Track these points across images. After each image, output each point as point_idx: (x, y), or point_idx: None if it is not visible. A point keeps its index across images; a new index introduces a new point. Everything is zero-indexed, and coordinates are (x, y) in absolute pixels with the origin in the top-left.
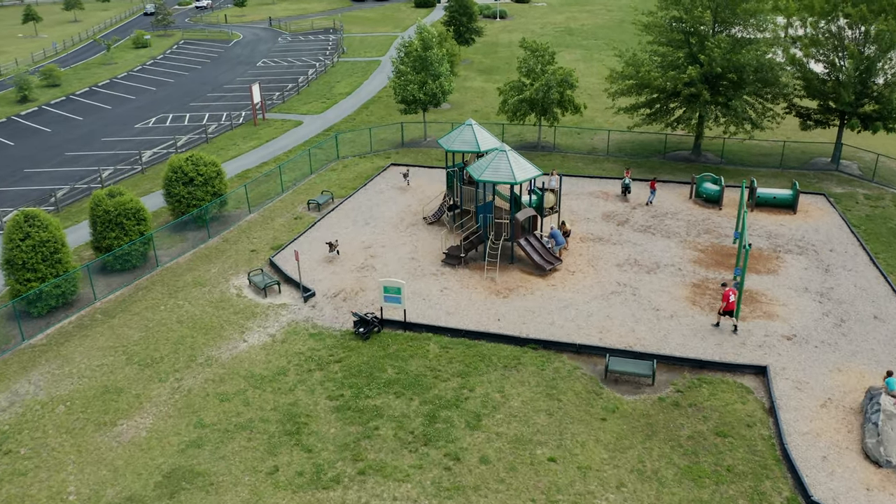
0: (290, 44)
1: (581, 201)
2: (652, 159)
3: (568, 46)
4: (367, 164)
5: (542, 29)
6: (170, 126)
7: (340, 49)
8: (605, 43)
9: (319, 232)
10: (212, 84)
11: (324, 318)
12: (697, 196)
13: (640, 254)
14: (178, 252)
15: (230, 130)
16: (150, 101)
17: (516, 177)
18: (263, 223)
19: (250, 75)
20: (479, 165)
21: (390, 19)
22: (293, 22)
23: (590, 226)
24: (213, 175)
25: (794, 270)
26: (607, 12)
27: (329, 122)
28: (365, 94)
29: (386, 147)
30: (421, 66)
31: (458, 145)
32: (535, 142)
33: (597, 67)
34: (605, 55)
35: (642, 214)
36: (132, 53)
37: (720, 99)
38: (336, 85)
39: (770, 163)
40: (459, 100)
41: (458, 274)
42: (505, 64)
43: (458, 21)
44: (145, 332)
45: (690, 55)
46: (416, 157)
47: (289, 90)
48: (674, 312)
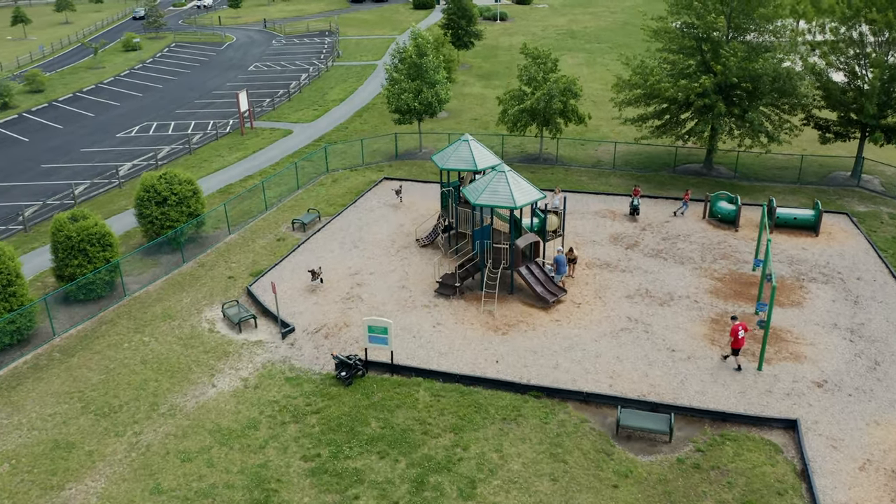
0: (284, 47)
1: (586, 221)
2: (661, 173)
3: (570, 50)
4: (359, 177)
5: (544, 31)
6: (153, 135)
7: (335, 53)
8: (609, 46)
9: (303, 256)
10: (200, 90)
11: (302, 358)
12: (711, 216)
13: (652, 283)
14: (150, 279)
15: (215, 140)
16: (136, 107)
17: (516, 200)
18: (244, 245)
19: (241, 80)
20: (476, 187)
21: (388, 21)
22: (288, 24)
23: (596, 250)
24: (189, 194)
25: (820, 303)
26: (610, 14)
27: (320, 131)
28: (359, 100)
29: (379, 159)
30: (416, 74)
31: (453, 163)
32: (536, 154)
33: (601, 72)
34: (610, 59)
35: (652, 237)
36: (121, 57)
37: (735, 110)
38: (329, 91)
39: (787, 177)
40: (457, 107)
41: (452, 306)
42: (505, 69)
43: (456, 24)
44: (106, 374)
45: (703, 63)
46: (411, 170)
47: (280, 96)
48: (691, 353)
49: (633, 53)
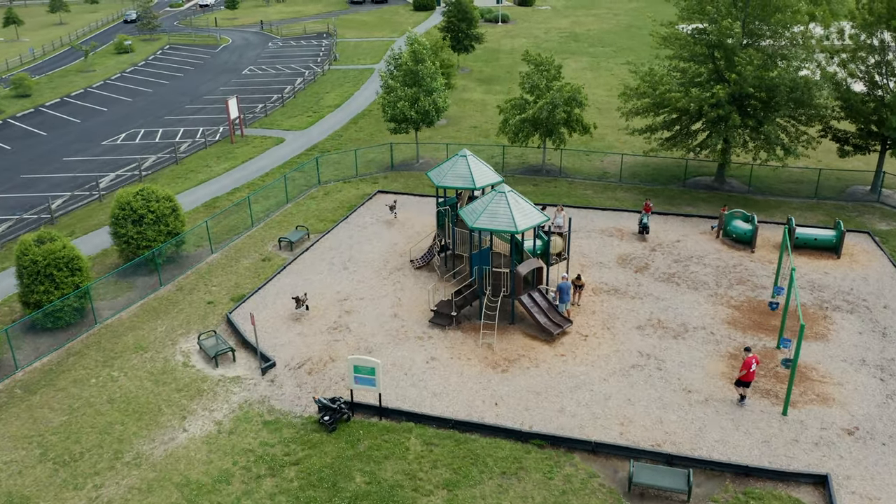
0: (281, 49)
1: (592, 241)
2: (670, 187)
3: (573, 53)
4: (352, 190)
5: (547, 34)
6: (139, 143)
7: (332, 56)
8: (614, 50)
9: (289, 278)
10: (191, 94)
11: (283, 398)
12: (726, 235)
13: (664, 311)
14: (123, 303)
15: (204, 149)
16: (124, 113)
17: (518, 224)
18: (226, 266)
19: (234, 84)
20: (474, 209)
21: (387, 23)
22: (285, 26)
23: (603, 273)
24: (167, 212)
25: (846, 335)
26: (614, 17)
27: (313, 139)
28: (355, 106)
29: (373, 170)
30: (412, 81)
31: (450, 180)
32: (538, 165)
33: (605, 77)
34: (614, 63)
35: (664, 259)
36: (113, 59)
37: (750, 122)
38: (325, 96)
39: (803, 192)
40: (456, 114)
41: (448, 338)
42: (506, 73)
43: (456, 27)
44: (69, 414)
45: (715, 71)
46: (407, 182)
47: (273, 102)
48: (709, 395)
49: (639, 59)
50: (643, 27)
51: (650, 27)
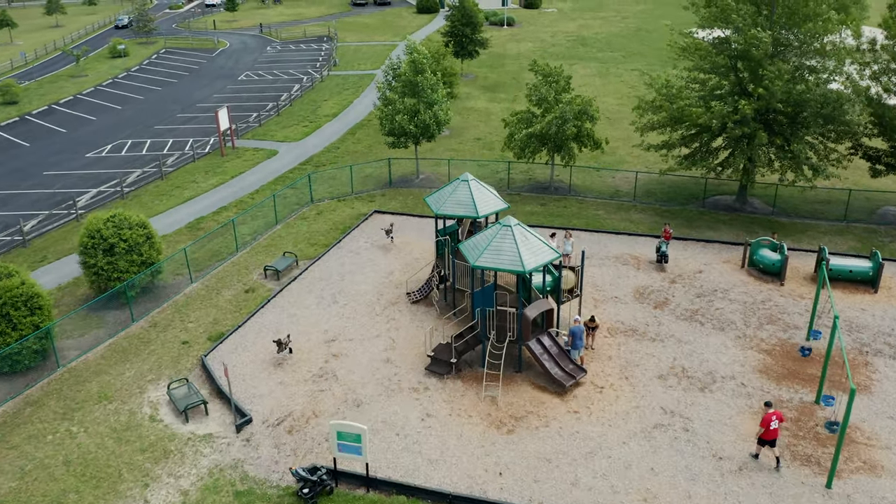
0: (279, 53)
1: (606, 270)
2: (689, 207)
3: (581, 59)
4: (346, 209)
5: (553, 38)
6: (125, 156)
7: (332, 61)
8: (623, 56)
9: (273, 314)
10: (184, 102)
11: (259, 462)
12: (752, 265)
13: (688, 356)
14: (91, 342)
15: (192, 163)
16: (112, 122)
17: (525, 263)
18: (206, 298)
19: (229, 91)
20: (476, 244)
21: (390, 26)
22: (285, 28)
23: (619, 310)
24: (141, 240)
25: (891, 386)
26: (622, 20)
27: (308, 152)
28: (353, 115)
29: (370, 187)
30: (412, 92)
31: (450, 207)
32: (546, 182)
33: (615, 84)
34: (624, 69)
35: (685, 292)
36: (106, 64)
37: (777, 140)
38: (322, 104)
39: (831, 214)
40: (460, 125)
41: (446, 389)
42: (512, 79)
43: (460, 32)
44: (20, 479)
45: (738, 84)
46: (405, 200)
47: (268, 110)
48: (742, 462)
49: (649, 64)
50: (652, 31)
51: (667, 36)
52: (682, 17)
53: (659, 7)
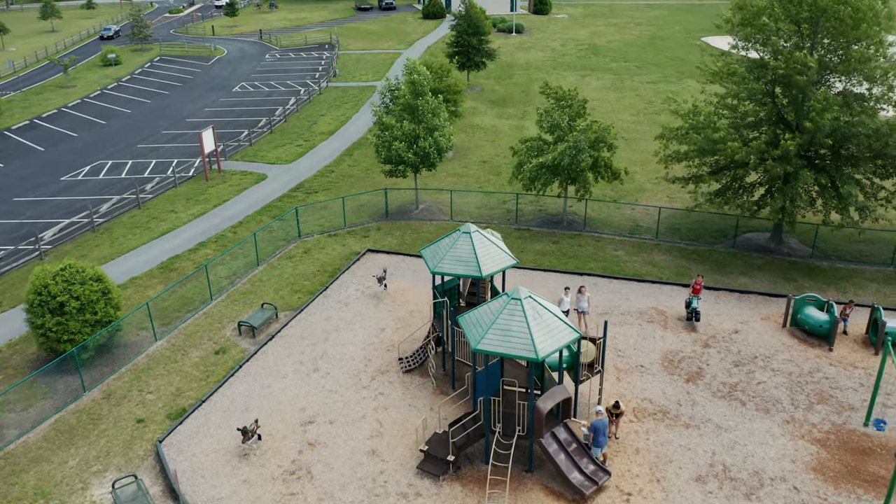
0: (278, 62)
1: (629, 330)
2: (718, 247)
3: (594, 69)
4: (337, 247)
5: (564, 46)
6: (103, 179)
7: (332, 71)
8: (638, 66)
9: (244, 384)
10: (172, 117)
11: None
12: (794, 324)
13: (730, 449)
14: (35, 418)
15: (173, 189)
16: (94, 140)
17: (539, 349)
18: (171, 360)
19: (221, 105)
20: (479, 319)
21: (394, 33)
22: (286, 35)
23: (646, 383)
24: (95, 297)
25: None
26: (636, 26)
27: (300, 175)
28: (352, 133)
29: (365, 218)
30: (411, 117)
31: (448, 265)
32: (558, 215)
33: (630, 99)
34: (639, 81)
35: (720, 360)
36: (97, 73)
37: (823, 180)
38: (319, 120)
39: (877, 257)
40: (465, 144)
41: (442, 495)
42: (521, 93)
43: (466, 42)
44: None
45: (777, 114)
46: (403, 236)
47: (261, 127)
48: None
49: (670, 81)
50: (667, 38)
51: (686, 46)
52: (697, 23)
53: (673, 13)
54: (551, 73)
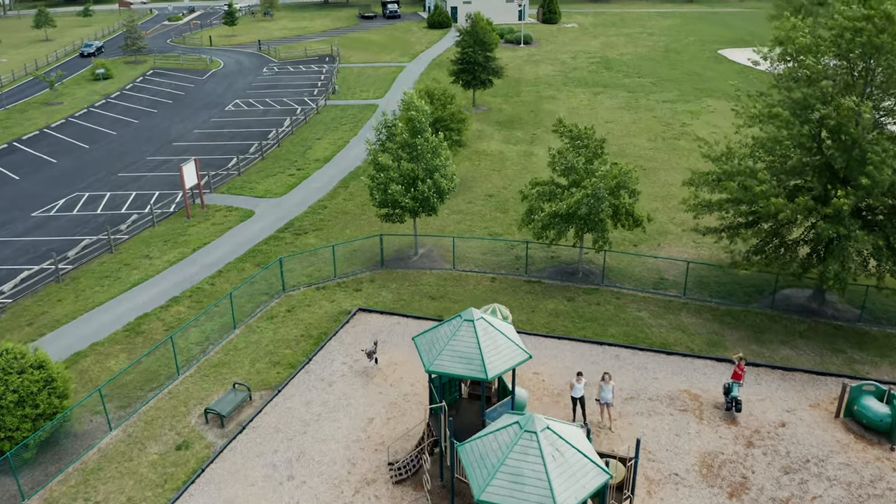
0: (276, 76)
1: (658, 422)
2: (753, 307)
3: (607, 86)
4: (325, 303)
5: (574, 59)
6: (77, 216)
7: (331, 88)
8: (653, 82)
9: (204, 497)
10: (159, 140)
11: None
12: (849, 415)
13: None
14: None
15: (151, 228)
16: (73, 167)
17: (558, 498)
18: (125, 456)
19: (212, 126)
20: (484, 457)
21: (398, 43)
22: (286, 46)
23: (681, 498)
24: (37, 388)
25: None
26: (648, 37)
27: (289, 212)
28: (348, 160)
29: (358, 266)
30: (409, 156)
31: (447, 362)
32: (573, 265)
33: (646, 121)
34: (655, 100)
35: (767, 464)
36: (86, 88)
37: (880, 241)
38: (314, 144)
39: None
40: (469, 174)
41: None
42: (529, 112)
43: (471, 59)
44: None
45: (825, 164)
46: (400, 290)
47: (252, 153)
48: None
49: (682, 94)
50: (682, 51)
51: (715, 71)
52: (711, 33)
53: (686, 22)
54: (562, 90)
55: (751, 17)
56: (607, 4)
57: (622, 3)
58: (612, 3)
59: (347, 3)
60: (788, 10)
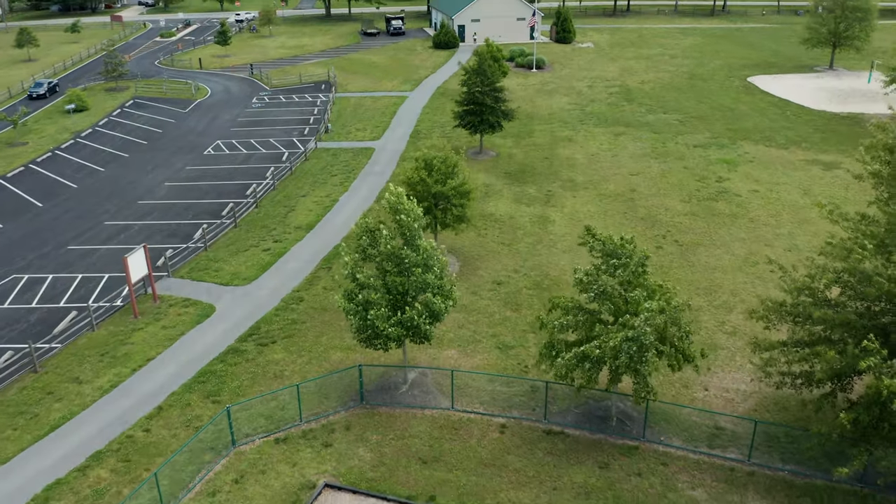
0: (266, 108)
1: None
2: (841, 485)
3: (628, 125)
4: (283, 468)
5: (591, 88)
6: (6, 310)
7: (323, 126)
8: (680, 120)
9: None
10: (124, 196)
11: None
12: None
13: None
14: None
15: (90, 332)
16: (20, 236)
17: None
18: None
19: (185, 178)
20: None
21: (401, 67)
22: (280, 69)
23: None
24: None
25: None
26: (670, 59)
27: (259, 307)
28: (336, 227)
29: (331, 404)
30: (395, 268)
31: None
32: (604, 410)
33: (677, 173)
34: (684, 144)
35: None
36: (56, 124)
37: None
38: (298, 204)
39: None
40: (474, 248)
41: None
42: (543, 160)
43: (479, 101)
44: None
45: None
46: (382, 443)
47: (225, 218)
48: None
49: (722, 144)
50: (709, 79)
51: (748, 104)
52: (737, 55)
53: (709, 41)
54: (579, 129)
55: (776, 36)
56: (623, 19)
57: (639, 18)
58: (628, 16)
59: (350, 16)
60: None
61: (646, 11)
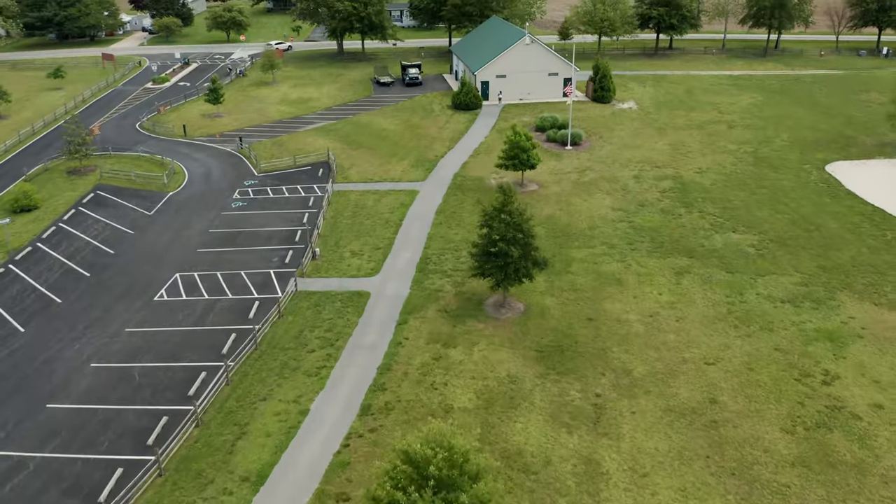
0: (247, 209)
1: None
2: None
3: (692, 254)
4: None
5: (639, 181)
6: None
7: (310, 251)
8: (757, 248)
9: None
10: (30, 392)
11: None
12: None
13: None
14: None
15: None
16: None
17: None
18: None
19: (117, 352)
20: None
21: (414, 137)
22: (275, 140)
23: None
24: None
25: None
26: (727, 131)
27: None
28: (299, 477)
29: None
30: None
31: None
32: None
33: (767, 364)
34: (769, 301)
35: None
36: None
37: None
38: (253, 419)
39: None
40: None
41: None
42: (587, 324)
43: (503, 252)
44: None
45: None
46: None
47: (147, 454)
48: None
49: (835, 332)
50: (779, 167)
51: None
52: (807, 123)
53: (769, 98)
54: (628, 263)
55: (843, 89)
56: (667, 60)
57: (683, 59)
58: (671, 56)
59: (364, 54)
60: None
61: (690, 50)
